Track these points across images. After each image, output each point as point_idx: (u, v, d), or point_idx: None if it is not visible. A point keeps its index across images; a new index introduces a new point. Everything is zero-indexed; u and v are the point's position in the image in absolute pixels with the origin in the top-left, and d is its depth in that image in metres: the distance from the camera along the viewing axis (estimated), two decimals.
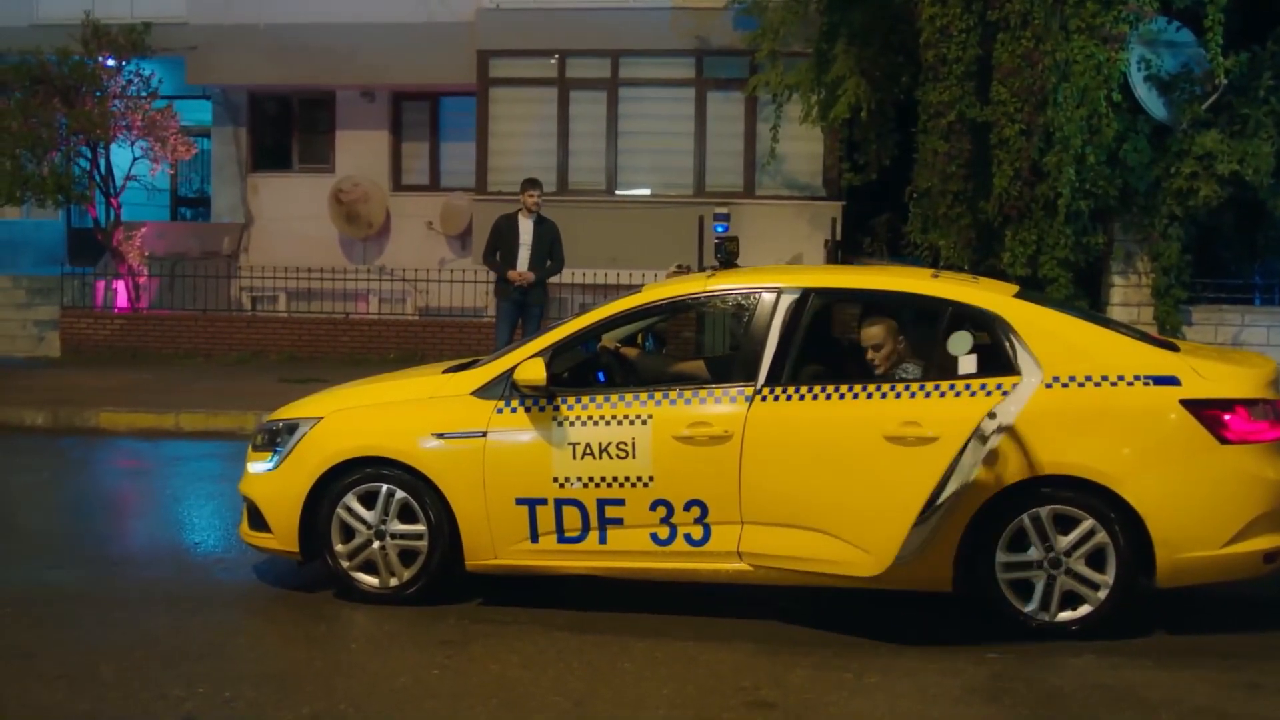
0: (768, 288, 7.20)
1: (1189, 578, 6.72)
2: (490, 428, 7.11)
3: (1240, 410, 6.59)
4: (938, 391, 6.75)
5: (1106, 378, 6.67)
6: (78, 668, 6.32)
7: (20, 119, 18.77)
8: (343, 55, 20.61)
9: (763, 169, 19.36)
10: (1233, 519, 6.57)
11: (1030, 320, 6.87)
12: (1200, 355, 7.12)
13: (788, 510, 6.80)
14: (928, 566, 6.67)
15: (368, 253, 21.60)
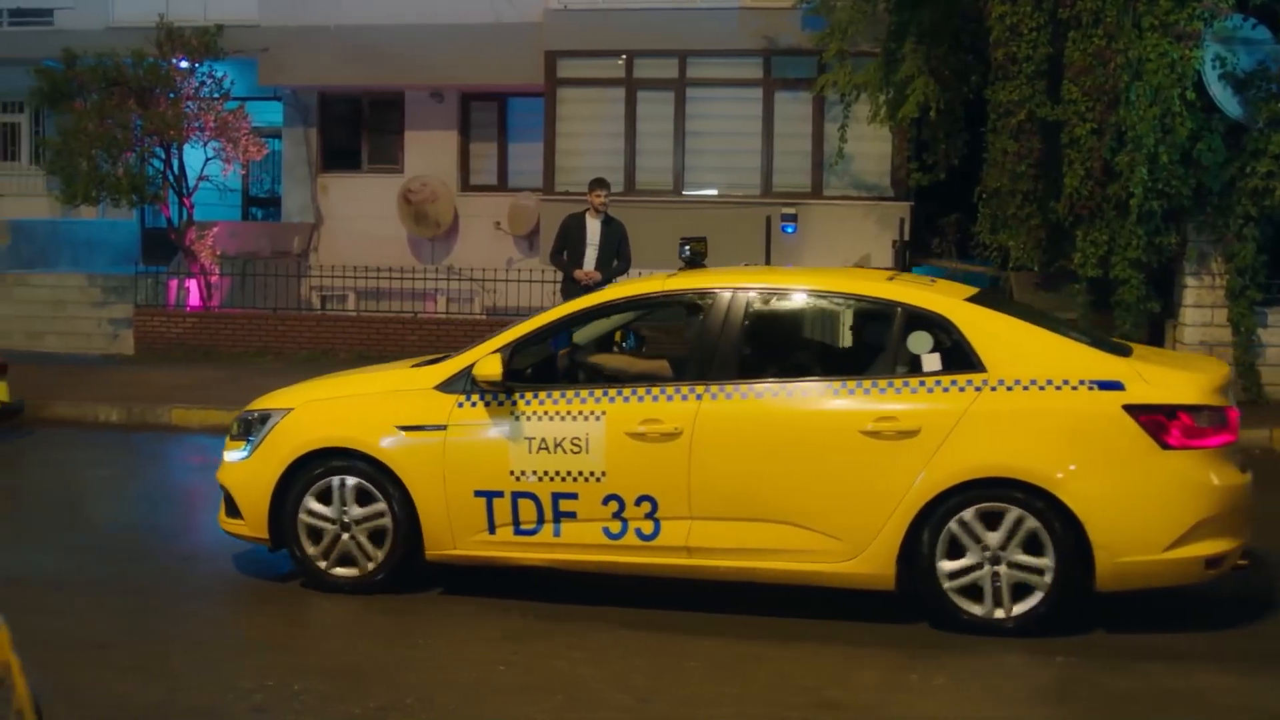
0: (720, 289, 7.33)
1: (1129, 582, 6.71)
2: (450, 421, 7.27)
3: (1183, 416, 6.59)
4: (908, 387, 6.83)
5: (1051, 381, 6.71)
6: (150, 659, 6.42)
7: (96, 120, 19.02)
8: (412, 56, 20.75)
9: (830, 169, 19.28)
10: (1174, 524, 6.55)
11: (977, 323, 6.93)
12: (1150, 360, 7.10)
13: (741, 505, 6.91)
14: (870, 563, 6.75)
15: (436, 252, 21.73)
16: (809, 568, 6.82)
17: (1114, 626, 6.87)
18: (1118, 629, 6.84)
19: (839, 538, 6.78)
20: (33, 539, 9.08)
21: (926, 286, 7.47)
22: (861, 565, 6.76)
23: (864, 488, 6.71)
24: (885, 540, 6.72)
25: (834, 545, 6.79)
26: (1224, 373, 7.16)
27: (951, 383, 6.77)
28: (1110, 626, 6.86)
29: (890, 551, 6.73)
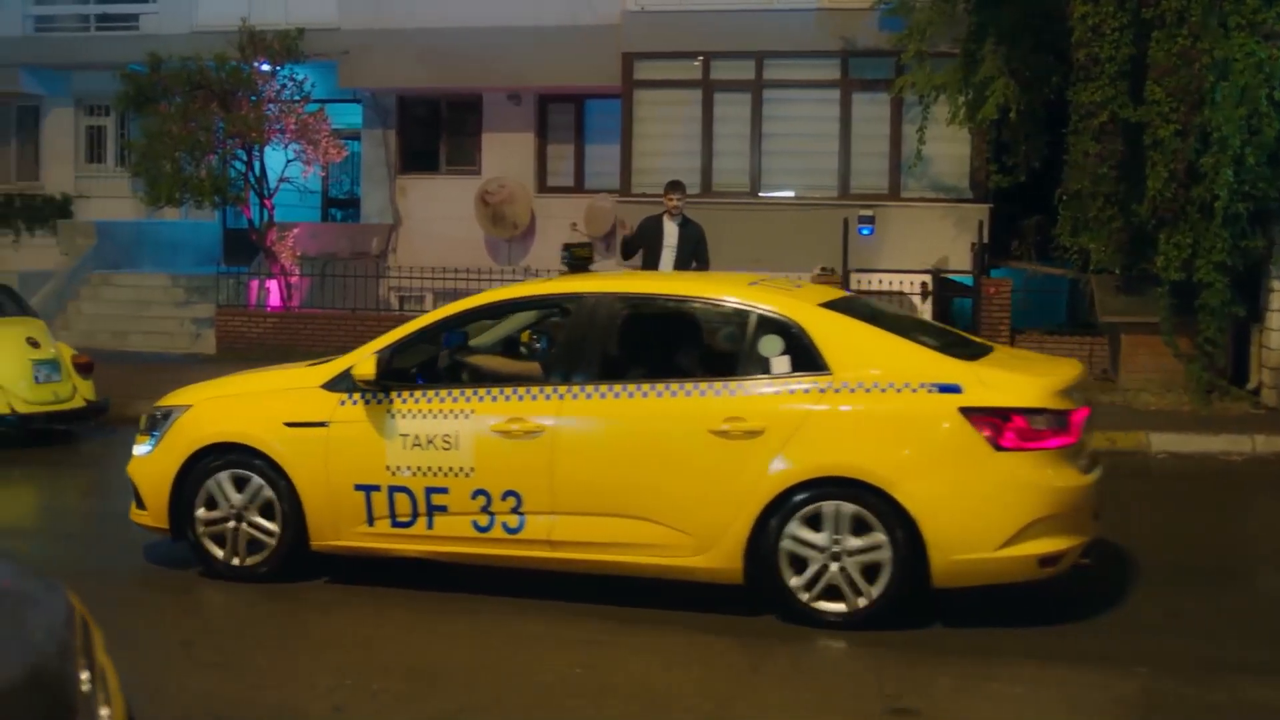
0: (585, 293, 7.70)
1: (964, 579, 6.84)
2: (333, 419, 7.56)
3: (1017, 419, 6.69)
4: (756, 389, 7.02)
5: (892, 384, 6.87)
6: (233, 656, 6.52)
7: (180, 123, 19.32)
8: (490, 58, 20.87)
9: (908, 171, 19.16)
10: (1007, 524, 6.67)
11: (825, 327, 7.11)
12: (995, 364, 7.23)
13: (598, 500, 7.13)
14: (721, 558, 6.92)
15: (513, 253, 21.85)
16: (662, 562, 7.04)
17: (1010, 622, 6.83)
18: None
19: (690, 533, 6.97)
20: (118, 537, 9.22)
21: (783, 292, 7.65)
22: (711, 560, 6.96)
23: (713, 485, 6.92)
24: (733, 536, 6.89)
25: (685, 540, 6.98)
26: (1070, 376, 7.25)
27: (797, 384, 6.99)
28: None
29: (738, 547, 6.90)
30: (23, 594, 2.67)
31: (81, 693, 2.33)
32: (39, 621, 2.45)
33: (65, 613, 2.57)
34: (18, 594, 2.66)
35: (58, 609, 2.57)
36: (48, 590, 2.71)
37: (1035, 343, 17.42)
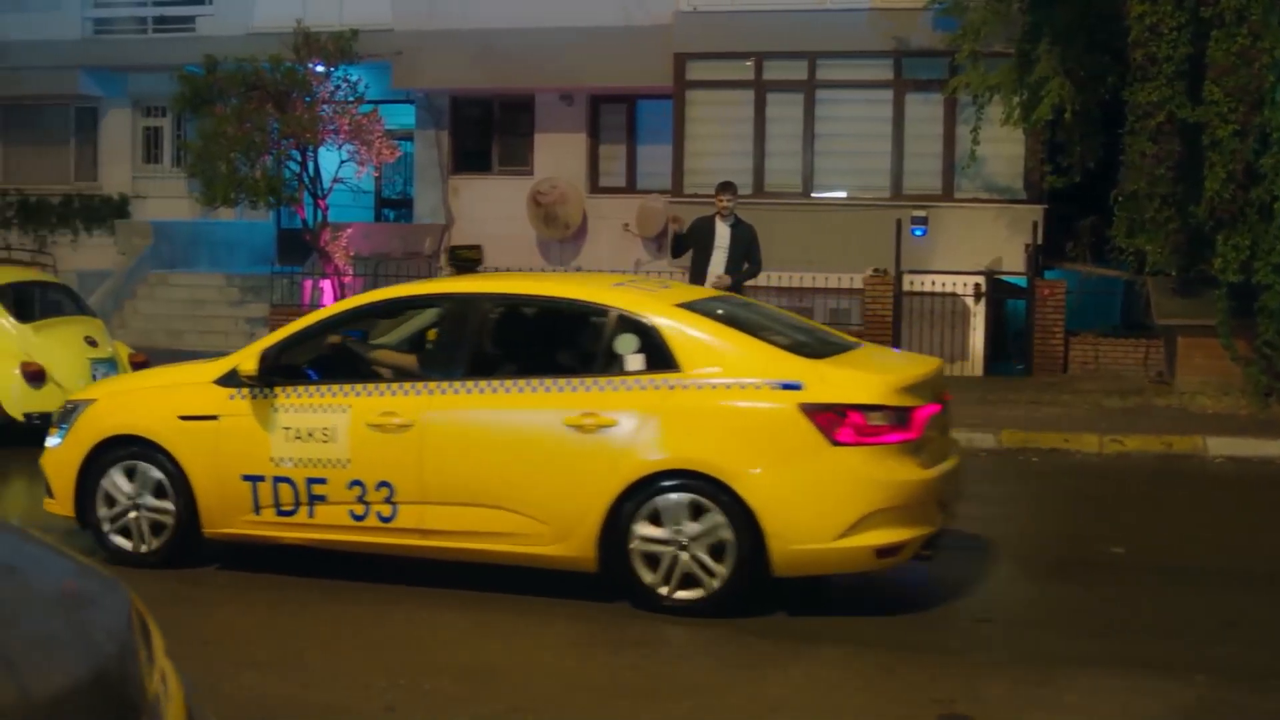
0: (457, 294, 8.17)
1: (803, 569, 7.12)
2: (222, 412, 7.91)
3: (854, 415, 6.93)
4: (610, 386, 7.30)
5: (737, 381, 7.14)
6: (286, 655, 6.56)
7: (236, 124, 19.48)
8: (542, 59, 20.92)
9: (961, 171, 19.04)
10: (843, 515, 6.90)
11: (678, 326, 7.38)
12: (844, 362, 7.48)
13: (464, 491, 7.42)
14: (577, 547, 7.20)
15: (564, 254, 21.89)
16: (523, 550, 7.34)
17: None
18: None
19: (548, 523, 7.25)
20: None
21: (642, 292, 7.93)
22: (567, 549, 7.23)
23: (568, 477, 7.21)
24: (588, 526, 7.15)
25: (544, 529, 7.26)
26: (919, 374, 7.51)
27: (649, 381, 7.24)
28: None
29: (592, 536, 7.16)
30: (84, 594, 2.69)
31: (145, 695, 2.34)
32: (100, 622, 2.47)
33: (127, 613, 2.58)
34: (78, 594, 2.68)
35: (119, 609, 2.59)
36: (108, 590, 2.73)
37: (1090, 345, 17.32)
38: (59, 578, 2.82)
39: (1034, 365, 17.43)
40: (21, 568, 2.81)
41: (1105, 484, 11.69)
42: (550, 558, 7.30)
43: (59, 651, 2.24)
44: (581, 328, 8.05)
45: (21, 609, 2.44)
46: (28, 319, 13.19)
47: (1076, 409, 14.49)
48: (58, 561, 2.92)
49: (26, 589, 2.66)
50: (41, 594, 2.65)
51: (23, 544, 2.99)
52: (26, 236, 25.13)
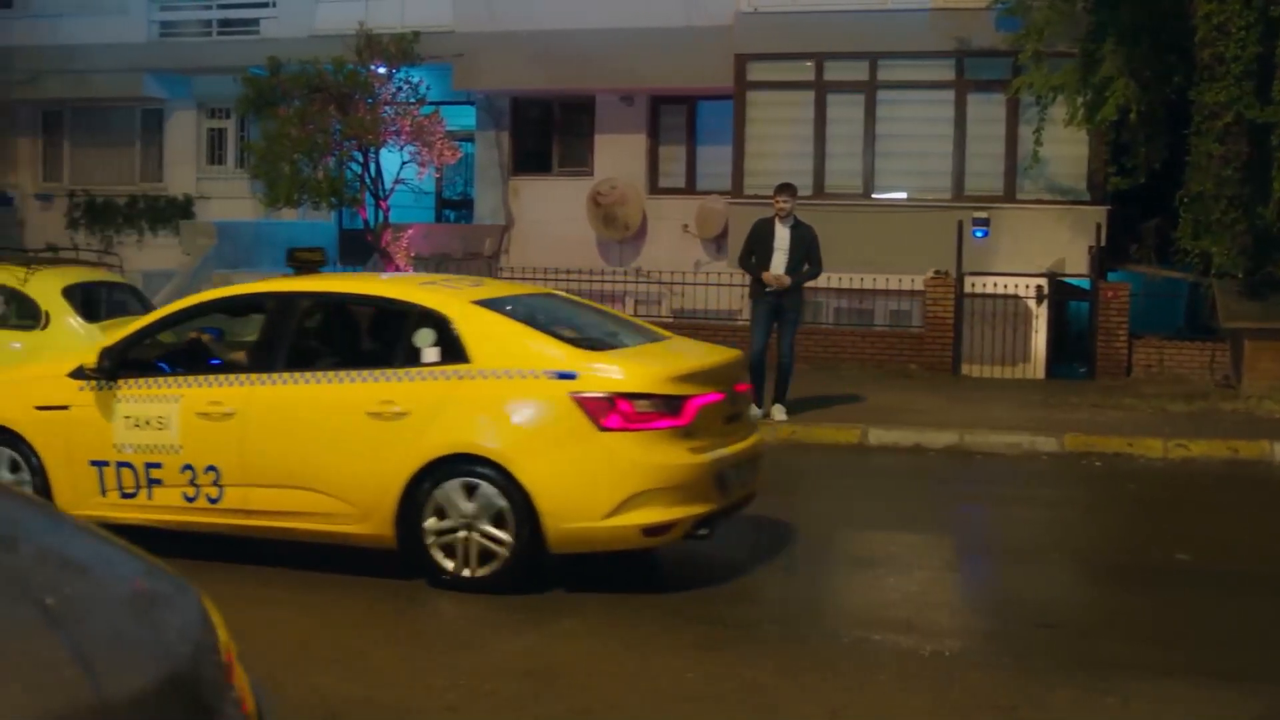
0: (278, 292, 8.78)
1: (576, 546, 7.62)
2: (73, 402, 8.53)
3: (622, 403, 7.42)
4: (407, 377, 7.86)
5: (519, 372, 7.66)
6: (349, 654, 6.60)
7: (299, 125, 19.63)
8: (602, 60, 20.96)
9: (1024, 172, 18.89)
10: (610, 496, 7.40)
11: (471, 321, 7.95)
12: (625, 354, 8.02)
13: (282, 474, 7.98)
14: (378, 526, 7.72)
15: (624, 255, 21.91)
16: (333, 529, 7.86)
17: None
18: None
19: (353, 503, 7.79)
20: None
21: (443, 290, 8.43)
22: (369, 527, 7.75)
23: (369, 461, 7.73)
24: (386, 506, 7.67)
25: (349, 509, 7.80)
26: (695, 365, 8.04)
27: (441, 373, 7.81)
28: None
29: (390, 515, 7.67)
30: (155, 594, 2.70)
31: (219, 698, 2.36)
32: (173, 622, 2.48)
33: (199, 613, 2.60)
34: (150, 594, 2.70)
35: (191, 609, 2.60)
36: (179, 590, 2.74)
37: (1154, 348, 17.13)
38: (129, 577, 2.83)
39: (1097, 368, 17.27)
40: (93, 566, 2.83)
41: (1170, 489, 11.55)
42: (356, 535, 7.83)
43: (134, 652, 2.26)
44: (387, 323, 8.60)
45: (96, 608, 2.46)
46: (95, 319, 13.36)
47: (1140, 413, 14.33)
48: (127, 560, 2.94)
49: (99, 588, 2.68)
50: (114, 593, 2.67)
51: (93, 542, 3.01)
52: (93, 237, 25.46)
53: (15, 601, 2.35)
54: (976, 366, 17.58)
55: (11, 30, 25.80)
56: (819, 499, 11.26)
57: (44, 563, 2.76)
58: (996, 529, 10.18)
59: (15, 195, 26.94)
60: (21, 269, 13.63)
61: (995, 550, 9.32)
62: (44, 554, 2.82)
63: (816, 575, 8.61)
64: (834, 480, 11.95)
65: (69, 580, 2.66)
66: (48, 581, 2.57)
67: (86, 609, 2.44)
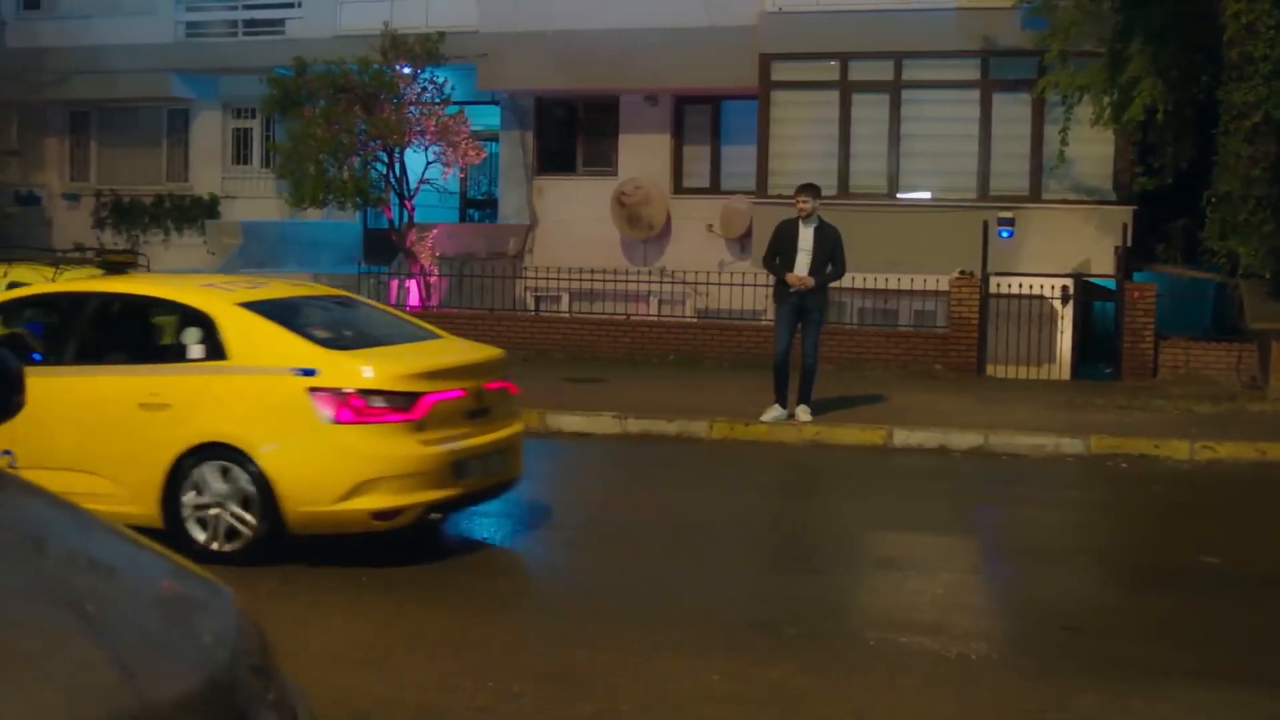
0: (72, 292, 9.60)
1: (312, 528, 8.22)
2: None
3: (354, 398, 8.10)
4: (174, 371, 8.57)
5: (268, 368, 8.32)
6: (377, 654, 6.62)
7: (324, 126, 19.71)
8: (626, 60, 20.97)
9: (1049, 172, 18.84)
10: (340, 483, 8.08)
11: (232, 321, 8.60)
12: (369, 353, 8.56)
13: (70, 458, 8.48)
14: (147, 507, 8.26)
15: (648, 254, 21.92)
16: (110, 509, 7.79)
17: None
18: None
19: (126, 486, 8.40)
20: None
21: (216, 292, 9.03)
22: (138, 508, 8.22)
23: (139, 448, 8.38)
24: (153, 489, 8.29)
25: (122, 491, 8.36)
26: (438, 364, 8.66)
27: (202, 368, 8.48)
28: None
29: (157, 497, 8.29)
30: (189, 597, 2.69)
31: (256, 703, 2.36)
32: (209, 626, 2.48)
33: (234, 617, 2.59)
34: (184, 597, 2.69)
35: (226, 613, 2.60)
36: (213, 593, 2.73)
37: (1181, 349, 17.05)
38: (161, 579, 2.81)
39: (1122, 369, 17.19)
40: (124, 568, 2.81)
41: (1197, 492, 11.50)
42: (130, 515, 7.92)
43: (172, 657, 2.25)
44: (161, 322, 9.34)
45: (130, 612, 2.46)
46: None
47: (1167, 414, 14.27)
48: (157, 562, 2.91)
49: (132, 590, 2.66)
50: (147, 596, 2.66)
51: (122, 543, 2.98)
52: (120, 236, 25.62)
53: (49, 604, 2.34)
54: (1001, 367, 17.52)
55: (39, 31, 25.98)
56: (843, 500, 11.24)
57: (75, 564, 2.72)
58: (1021, 531, 10.15)
59: (43, 195, 27.12)
60: (50, 269, 13.71)
61: (1020, 552, 9.29)
62: (74, 555, 2.79)
63: (841, 576, 8.60)
64: (858, 481, 11.93)
65: (101, 583, 2.63)
66: (80, 584, 2.55)
67: (121, 612, 2.43)
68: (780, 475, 12.28)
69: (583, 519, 10.19)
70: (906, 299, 18.90)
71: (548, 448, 13.10)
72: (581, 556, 8.93)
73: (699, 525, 9.85)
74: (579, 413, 13.97)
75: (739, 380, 16.21)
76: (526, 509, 10.14)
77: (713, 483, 11.71)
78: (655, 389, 15.71)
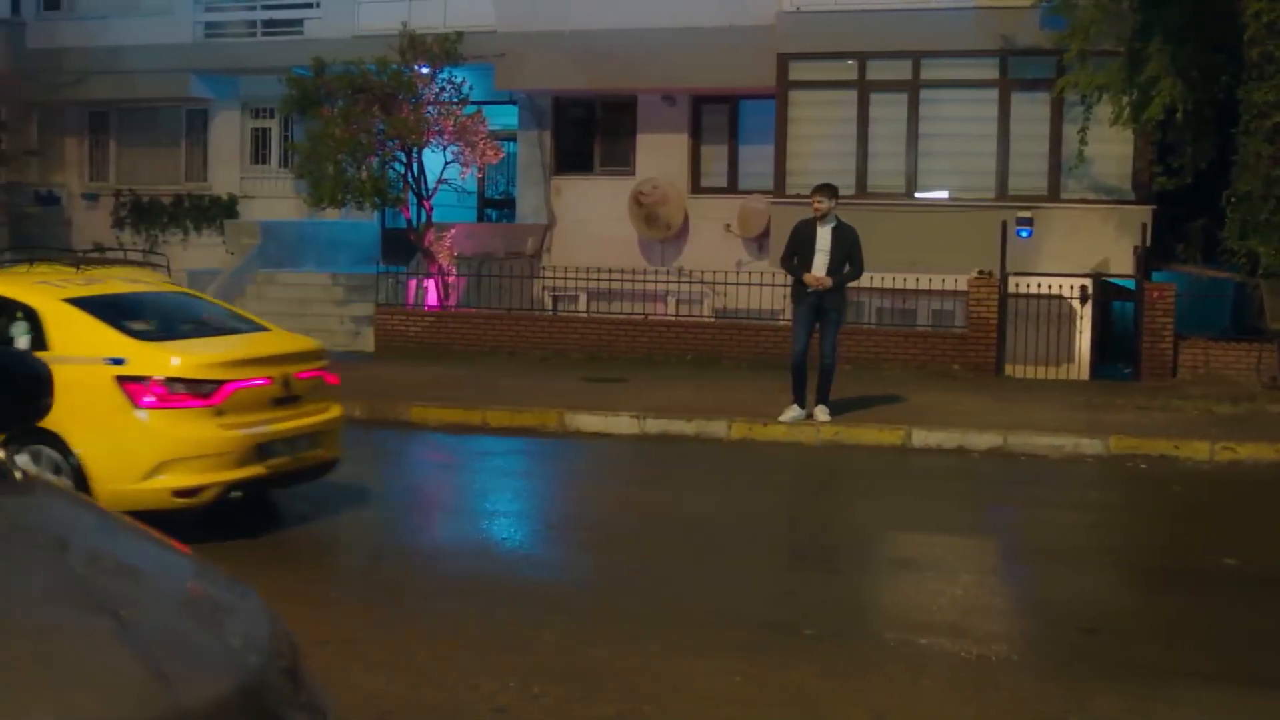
0: None
1: (120, 505, 8.06)
2: None
3: (155, 385, 8.68)
4: None
5: (83, 358, 8.76)
6: (397, 654, 6.64)
7: (343, 126, 19.73)
8: (644, 59, 20.98)
9: (1068, 172, 18.78)
10: (142, 463, 8.66)
11: (55, 315, 9.10)
12: (176, 346, 9.11)
13: None
14: None
15: (666, 254, 21.92)
16: None
17: None
18: None
19: None
20: (276, 532, 9.49)
21: (42, 287, 9.47)
22: None
23: None
24: None
25: None
26: (240, 354, 9.18)
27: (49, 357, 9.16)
28: None
29: None
30: (216, 599, 2.69)
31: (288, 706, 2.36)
32: (239, 629, 2.48)
33: (264, 619, 2.59)
34: (212, 599, 2.69)
35: (256, 615, 2.60)
36: (241, 594, 2.73)
37: (1200, 349, 17.00)
38: (188, 580, 2.80)
39: (1142, 369, 17.14)
40: (151, 570, 2.80)
41: (1217, 493, 11.47)
42: None
43: (203, 661, 2.25)
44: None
45: (160, 614, 2.46)
46: None
47: (1186, 414, 14.23)
48: (183, 562, 2.89)
49: (161, 593, 2.65)
50: (176, 598, 2.66)
51: (147, 544, 2.98)
52: (138, 236, 25.71)
53: (81, 607, 2.34)
54: (1020, 367, 17.49)
55: (58, 32, 26.09)
56: (862, 500, 11.24)
57: (104, 567, 2.72)
58: (1041, 532, 10.13)
59: (62, 195, 27.23)
60: (70, 269, 13.75)
61: (1039, 553, 9.27)
62: (102, 557, 2.78)
63: (859, 577, 8.60)
64: (877, 482, 11.92)
65: (130, 585, 2.62)
66: (110, 586, 2.55)
67: (151, 615, 2.43)
68: (799, 475, 12.27)
69: (600, 519, 10.21)
70: (924, 299, 18.87)
71: (566, 448, 13.13)
72: (600, 557, 8.93)
73: (717, 525, 9.85)
74: (598, 413, 13.98)
75: (757, 380, 16.21)
76: (543, 509, 10.16)
77: (731, 483, 11.71)
78: (673, 389, 15.72)
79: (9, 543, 2.60)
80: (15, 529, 2.68)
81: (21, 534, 2.67)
